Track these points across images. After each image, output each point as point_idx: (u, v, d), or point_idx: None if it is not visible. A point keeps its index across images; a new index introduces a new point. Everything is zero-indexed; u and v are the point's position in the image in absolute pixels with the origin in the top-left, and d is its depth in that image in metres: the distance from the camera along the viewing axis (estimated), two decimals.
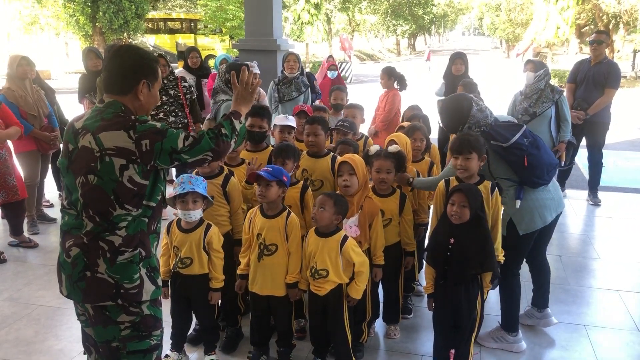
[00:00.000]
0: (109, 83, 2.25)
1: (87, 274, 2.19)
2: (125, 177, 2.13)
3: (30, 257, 5.14)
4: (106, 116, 2.17)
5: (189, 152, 2.19)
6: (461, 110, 3.27)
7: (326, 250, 3.08)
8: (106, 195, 2.14)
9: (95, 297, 2.21)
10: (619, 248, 5.31)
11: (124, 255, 2.19)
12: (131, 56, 2.25)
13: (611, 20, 25.57)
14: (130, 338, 2.28)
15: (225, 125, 2.30)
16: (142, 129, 2.14)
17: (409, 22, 47.70)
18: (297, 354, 3.47)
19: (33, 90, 5.55)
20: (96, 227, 2.17)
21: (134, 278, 2.22)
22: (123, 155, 2.11)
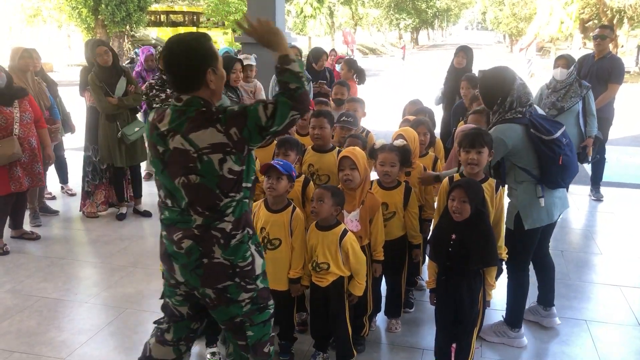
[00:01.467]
0: (178, 84, 2.26)
1: (204, 261, 2.28)
2: (225, 169, 2.19)
3: (33, 249, 5.15)
4: (190, 115, 2.20)
5: (274, 123, 2.18)
6: (504, 80, 3.19)
7: (326, 244, 3.08)
8: (211, 191, 2.22)
9: (214, 280, 2.32)
10: (621, 243, 5.30)
11: (235, 237, 2.30)
12: (190, 48, 2.22)
13: (615, 15, 25.45)
14: (252, 312, 2.42)
15: (290, 78, 2.21)
16: (225, 118, 2.17)
17: (412, 16, 47.59)
18: (298, 347, 3.47)
19: (34, 82, 5.55)
20: (206, 219, 2.25)
21: (246, 256, 2.34)
22: (219, 150, 2.16)
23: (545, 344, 3.61)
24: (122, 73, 5.63)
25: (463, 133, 3.32)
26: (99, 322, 3.84)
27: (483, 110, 4.07)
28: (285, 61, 2.24)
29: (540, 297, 3.84)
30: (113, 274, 4.59)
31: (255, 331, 2.47)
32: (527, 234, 3.37)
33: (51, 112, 5.75)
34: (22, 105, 4.92)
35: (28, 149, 4.97)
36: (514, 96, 3.20)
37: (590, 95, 5.56)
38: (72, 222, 5.86)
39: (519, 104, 3.21)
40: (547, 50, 31.87)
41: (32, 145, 5.02)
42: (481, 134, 3.17)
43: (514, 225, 3.37)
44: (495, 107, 3.30)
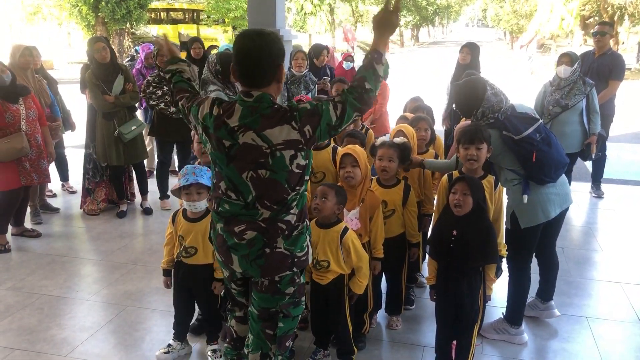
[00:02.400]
0: (250, 77, 2.25)
1: (266, 251, 2.35)
2: (294, 164, 2.27)
3: (34, 246, 5.15)
4: (265, 112, 2.22)
5: (341, 123, 2.25)
6: (476, 93, 3.24)
7: (327, 242, 3.08)
8: (281, 185, 2.28)
9: (274, 270, 2.40)
10: (621, 240, 5.30)
11: (298, 229, 2.39)
12: (265, 44, 2.22)
13: (616, 11, 25.39)
14: (289, 304, 2.53)
15: (369, 77, 2.25)
16: (299, 116, 2.21)
17: (413, 13, 47.51)
18: (299, 344, 3.47)
19: (35, 80, 5.55)
20: (273, 212, 2.32)
21: (304, 246, 2.44)
22: (292, 147, 2.23)
23: (545, 340, 3.61)
24: (119, 71, 5.61)
25: (462, 129, 3.33)
26: (99, 320, 3.85)
27: None
28: (377, 58, 2.27)
29: (540, 291, 3.85)
30: (114, 272, 4.59)
31: (286, 324, 2.58)
32: (525, 233, 3.37)
33: (52, 110, 5.75)
34: (26, 102, 4.95)
35: (34, 145, 4.98)
36: (485, 106, 3.22)
37: (593, 93, 5.56)
38: (72, 220, 5.87)
39: (491, 111, 3.22)
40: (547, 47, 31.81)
41: (37, 141, 5.03)
42: (480, 130, 3.18)
43: (511, 224, 3.38)
44: (472, 118, 3.34)
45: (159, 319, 3.83)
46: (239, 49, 2.25)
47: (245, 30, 2.35)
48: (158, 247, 4.86)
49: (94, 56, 5.45)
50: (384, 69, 2.30)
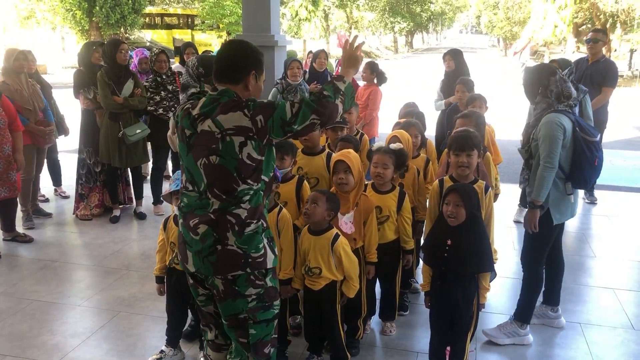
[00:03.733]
0: (221, 72, 2.40)
1: (217, 248, 2.34)
2: (245, 154, 2.28)
3: (25, 252, 5.11)
4: (223, 101, 2.33)
5: (296, 121, 2.26)
6: (540, 72, 3.42)
7: (318, 248, 3.07)
8: (229, 173, 2.30)
9: (226, 268, 2.36)
10: (615, 246, 5.32)
11: (250, 226, 2.36)
12: (243, 48, 2.40)
13: (608, 19, 25.61)
14: (257, 309, 2.45)
15: (327, 89, 2.32)
16: (254, 106, 2.29)
17: (407, 19, 47.68)
18: (292, 350, 3.46)
19: (28, 84, 5.53)
20: (223, 203, 2.33)
21: (259, 247, 2.39)
22: (242, 133, 2.26)
23: (539, 347, 3.61)
24: (130, 76, 5.66)
25: (452, 136, 3.35)
26: (91, 325, 3.82)
27: (472, 114, 4.10)
28: (337, 78, 2.39)
29: (547, 297, 3.87)
30: (106, 277, 4.56)
31: (258, 330, 2.50)
32: (553, 229, 3.51)
33: (45, 114, 5.72)
34: None
35: (2, 157, 4.89)
36: (552, 87, 3.35)
37: (587, 99, 5.57)
38: (65, 225, 5.83)
39: (564, 97, 3.35)
40: (541, 54, 32.00)
41: (5, 152, 4.93)
42: (470, 136, 3.20)
43: (541, 221, 3.44)
44: (538, 98, 3.42)
45: (152, 324, 3.81)
46: (221, 49, 2.49)
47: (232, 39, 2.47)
48: (151, 252, 4.83)
49: (115, 57, 5.48)
50: (347, 89, 2.37)
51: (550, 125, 3.30)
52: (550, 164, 3.31)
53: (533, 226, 3.46)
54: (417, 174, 3.86)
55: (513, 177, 7.56)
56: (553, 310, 3.85)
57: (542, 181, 3.34)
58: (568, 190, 3.42)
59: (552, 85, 3.35)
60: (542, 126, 3.35)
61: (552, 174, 3.34)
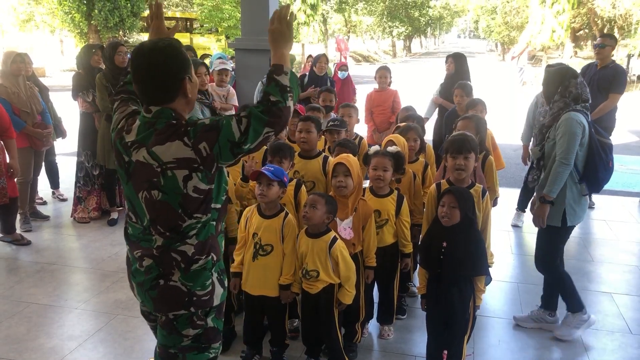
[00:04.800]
0: (149, 95, 2.04)
1: (160, 282, 2.10)
2: (190, 187, 1.99)
3: (22, 255, 5.10)
4: (158, 127, 2.00)
5: (247, 139, 1.96)
6: (563, 73, 3.50)
7: (316, 251, 3.07)
8: (173, 210, 2.03)
9: (167, 305, 2.13)
10: (612, 251, 5.32)
11: (198, 263, 2.10)
12: (162, 60, 2.00)
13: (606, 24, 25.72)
14: (190, 349, 2.19)
15: (272, 91, 2.00)
16: (195, 131, 1.96)
17: (405, 24, 47.78)
18: (290, 353, 3.46)
19: (26, 87, 5.53)
20: (166, 240, 2.07)
21: (206, 284, 2.13)
22: (184, 166, 1.97)
23: (537, 351, 3.61)
24: None
25: (450, 139, 3.36)
26: (89, 328, 3.81)
27: (472, 117, 4.11)
28: (277, 70, 2.05)
29: (546, 302, 3.89)
30: (104, 280, 4.55)
31: None
32: (568, 230, 3.62)
33: (43, 117, 5.72)
34: None
35: None
36: (570, 89, 3.45)
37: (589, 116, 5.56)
38: (62, 228, 5.82)
39: (582, 100, 3.45)
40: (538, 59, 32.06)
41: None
42: (468, 139, 3.21)
43: (561, 222, 3.52)
44: (556, 97, 3.51)
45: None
46: (134, 68, 2.05)
47: (140, 44, 2.08)
48: None
49: (114, 59, 5.48)
50: (292, 80, 2.05)
51: (570, 123, 3.38)
52: (566, 160, 3.39)
53: (541, 221, 3.52)
54: (414, 178, 3.86)
55: (511, 182, 7.58)
56: (551, 314, 3.87)
57: (556, 177, 3.41)
58: (583, 191, 3.52)
59: (573, 87, 3.45)
60: (562, 123, 3.42)
61: (567, 171, 3.41)
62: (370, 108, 6.72)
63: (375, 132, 6.65)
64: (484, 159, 3.98)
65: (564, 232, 3.60)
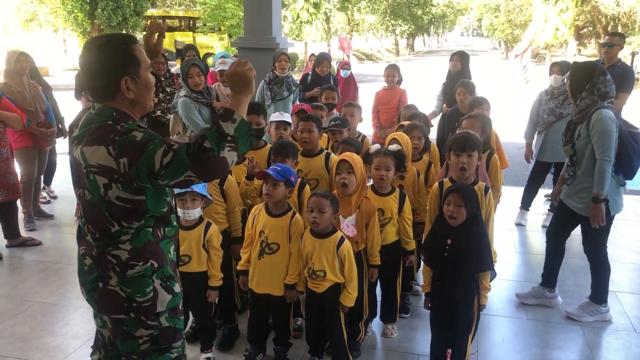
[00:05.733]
0: (92, 90, 2.00)
1: (99, 285, 2.07)
2: (112, 196, 1.94)
3: (27, 254, 5.11)
4: (94, 126, 1.95)
5: (165, 176, 1.82)
6: (592, 70, 3.57)
7: (323, 251, 3.07)
8: (101, 213, 1.99)
9: (108, 309, 2.10)
10: (617, 249, 5.30)
11: (134, 269, 2.04)
12: (102, 54, 1.94)
13: (610, 22, 25.62)
14: (150, 352, 2.13)
15: (209, 136, 1.82)
16: (120, 143, 1.86)
17: (408, 22, 47.69)
18: (293, 352, 3.46)
19: (30, 86, 5.54)
20: (98, 242, 2.05)
21: (146, 292, 2.06)
22: (105, 174, 1.90)
23: (541, 349, 3.61)
24: None
25: (453, 137, 3.36)
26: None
27: (477, 115, 4.11)
28: (225, 116, 1.87)
29: (546, 280, 4.15)
30: None
31: None
32: (611, 220, 3.76)
33: (47, 116, 5.73)
34: None
35: (0, 160, 4.90)
36: (598, 86, 3.55)
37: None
38: (66, 227, 5.83)
39: (609, 97, 3.58)
40: (542, 57, 31.97)
41: (4, 156, 4.94)
42: (471, 137, 3.21)
43: (605, 212, 3.63)
44: (584, 94, 3.61)
45: None
46: (81, 58, 2.01)
47: (91, 38, 2.06)
48: None
49: None
50: (238, 130, 1.86)
51: (606, 121, 3.51)
52: (608, 157, 3.53)
53: (600, 220, 3.65)
54: (417, 176, 3.86)
55: (514, 180, 7.56)
56: (550, 291, 4.11)
57: (602, 174, 3.55)
58: (620, 181, 3.69)
59: (601, 84, 3.56)
60: (596, 123, 3.54)
61: (610, 166, 3.56)
62: (377, 106, 6.73)
63: (379, 129, 6.65)
64: (489, 157, 3.98)
65: (608, 222, 3.73)
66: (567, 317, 3.96)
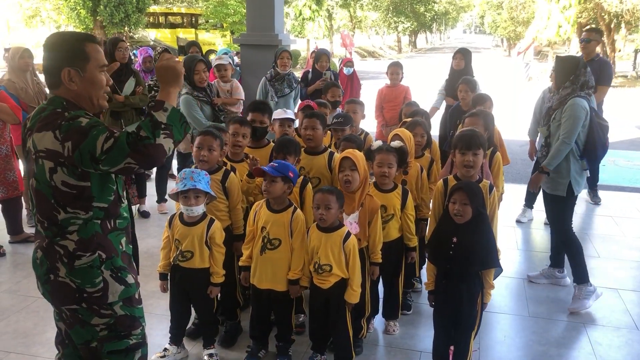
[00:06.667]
0: (45, 78, 2.14)
1: (50, 277, 2.13)
2: (57, 181, 2.02)
3: (29, 249, 5.10)
4: (44, 114, 2.04)
5: (106, 161, 1.91)
6: (576, 63, 3.91)
7: (329, 246, 3.07)
8: (47, 200, 2.06)
9: (60, 300, 2.16)
10: (619, 247, 5.31)
11: (81, 259, 2.10)
12: (51, 45, 2.09)
13: (613, 19, 25.52)
14: (109, 338, 2.21)
15: (144, 126, 1.93)
16: (66, 128, 1.96)
17: (410, 19, 47.61)
18: (295, 348, 3.47)
19: (34, 82, 5.54)
20: (47, 231, 2.11)
21: (95, 282, 2.12)
22: (51, 158, 1.99)
23: (543, 346, 3.61)
24: (132, 73, 5.72)
25: (458, 135, 3.35)
26: None
27: (480, 112, 4.10)
28: (156, 106, 2.00)
29: (554, 261, 4.45)
30: None
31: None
32: (574, 199, 4.11)
33: None
34: None
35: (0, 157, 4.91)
36: (580, 77, 3.88)
37: (592, 100, 5.57)
38: None
39: (588, 87, 3.90)
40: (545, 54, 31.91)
41: (2, 153, 4.94)
42: (477, 135, 3.20)
43: (567, 193, 3.99)
44: (567, 83, 3.92)
45: (156, 322, 3.81)
46: None
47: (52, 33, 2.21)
48: (155, 250, 4.84)
49: (115, 55, 5.51)
50: (170, 118, 1.98)
51: (577, 108, 3.83)
52: (568, 140, 3.87)
53: (536, 187, 4.18)
54: (421, 172, 3.86)
55: (516, 177, 7.56)
56: (559, 271, 4.42)
57: (557, 154, 3.93)
58: (583, 166, 4.00)
59: (582, 75, 3.89)
60: (569, 108, 3.86)
61: (567, 149, 3.90)
62: (381, 103, 6.71)
63: (384, 127, 6.64)
64: (492, 155, 3.98)
65: (570, 200, 4.07)
66: (570, 312, 4.00)
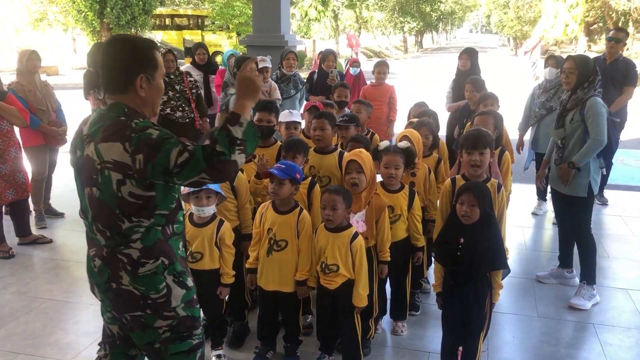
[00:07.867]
0: (106, 82, 2.08)
1: (112, 285, 2.11)
2: (125, 192, 1.98)
3: (38, 251, 5.15)
4: (107, 122, 2.01)
5: (180, 175, 1.89)
6: (593, 63, 3.97)
7: (337, 246, 3.07)
8: (111, 210, 2.02)
9: (123, 308, 2.14)
10: (628, 247, 5.28)
11: (145, 267, 2.08)
12: (124, 49, 2.05)
13: (620, 17, 25.41)
14: (172, 340, 2.19)
15: (220, 140, 1.89)
16: (137, 140, 1.93)
17: (417, 19, 47.57)
18: (303, 349, 3.46)
19: (42, 84, 5.57)
20: (108, 241, 2.07)
21: (159, 288, 2.11)
22: (120, 170, 1.96)
23: (552, 347, 3.59)
24: None
25: (465, 134, 3.34)
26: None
27: (490, 112, 4.09)
28: (232, 120, 1.94)
29: (563, 261, 4.45)
30: None
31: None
32: (593, 198, 4.13)
33: (58, 115, 5.76)
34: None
35: (8, 159, 4.92)
36: (597, 80, 3.95)
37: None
38: (77, 224, 5.86)
39: (599, 85, 3.98)
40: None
41: (12, 155, 4.96)
42: (483, 134, 3.19)
43: (587, 193, 3.98)
44: (586, 84, 3.94)
45: None
46: (102, 52, 2.11)
47: (116, 35, 2.18)
48: None
49: None
50: (246, 133, 1.93)
51: (599, 107, 3.86)
52: (602, 137, 3.84)
53: (566, 182, 4.02)
54: (429, 173, 3.85)
55: (523, 177, 7.52)
56: (568, 271, 4.41)
57: (589, 151, 3.89)
58: (600, 164, 4.05)
59: (597, 75, 3.96)
60: (591, 107, 3.86)
61: (600, 147, 3.87)
62: None
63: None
64: (500, 154, 3.96)
65: (591, 200, 4.07)
66: (570, 307, 4.05)
